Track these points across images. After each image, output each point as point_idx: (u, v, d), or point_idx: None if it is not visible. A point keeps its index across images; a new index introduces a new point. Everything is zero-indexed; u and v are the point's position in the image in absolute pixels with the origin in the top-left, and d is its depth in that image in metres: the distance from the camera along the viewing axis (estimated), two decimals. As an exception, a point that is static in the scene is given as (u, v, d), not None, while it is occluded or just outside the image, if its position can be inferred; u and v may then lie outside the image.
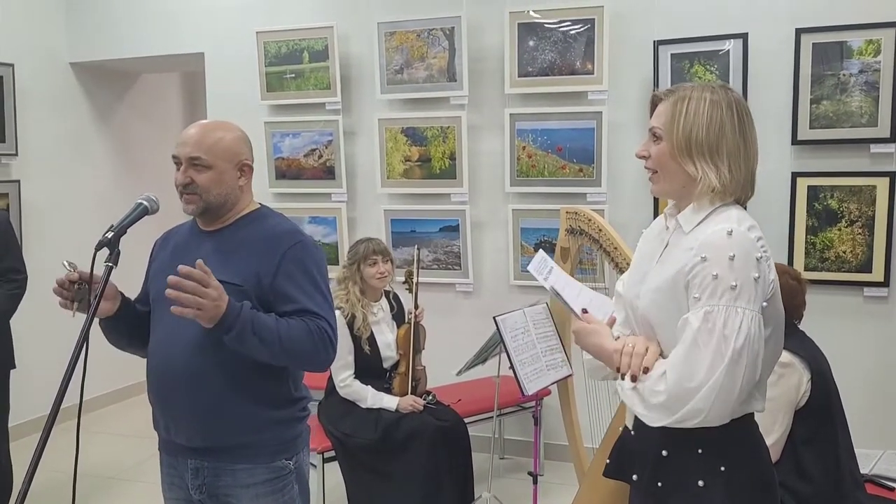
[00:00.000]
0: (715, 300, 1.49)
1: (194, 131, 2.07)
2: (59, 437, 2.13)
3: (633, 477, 1.73)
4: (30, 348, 3.69)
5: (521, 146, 4.28)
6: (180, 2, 4.99)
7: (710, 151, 1.60)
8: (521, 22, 4.20)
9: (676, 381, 1.49)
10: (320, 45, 4.58)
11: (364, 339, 3.43)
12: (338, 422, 3.41)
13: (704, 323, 1.49)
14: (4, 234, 3.45)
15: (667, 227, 1.73)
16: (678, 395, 1.49)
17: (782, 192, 3.90)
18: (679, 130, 1.61)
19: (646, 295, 1.65)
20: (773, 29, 3.86)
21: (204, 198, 2.04)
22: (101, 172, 5.60)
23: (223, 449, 2.04)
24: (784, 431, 2.61)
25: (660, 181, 1.69)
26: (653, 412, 1.53)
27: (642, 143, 1.72)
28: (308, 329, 1.99)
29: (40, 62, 5.09)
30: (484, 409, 3.90)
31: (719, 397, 1.47)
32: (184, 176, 2.03)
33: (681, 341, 1.52)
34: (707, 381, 1.47)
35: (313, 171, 4.72)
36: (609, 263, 2.97)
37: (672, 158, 1.63)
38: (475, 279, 4.51)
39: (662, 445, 1.64)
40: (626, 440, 1.77)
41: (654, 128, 1.67)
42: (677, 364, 1.51)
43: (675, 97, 1.64)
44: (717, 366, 1.47)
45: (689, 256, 1.55)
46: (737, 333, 1.48)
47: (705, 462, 1.60)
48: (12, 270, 3.44)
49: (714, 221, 1.59)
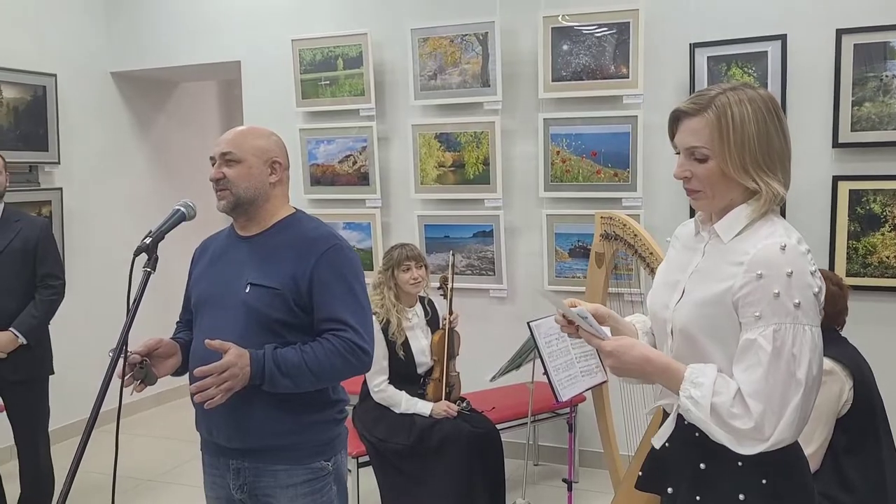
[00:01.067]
0: (781, 318, 1.45)
1: (229, 132, 2.17)
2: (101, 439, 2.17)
3: (667, 490, 1.69)
4: (68, 353, 3.76)
5: (556, 151, 4.26)
6: (217, 11, 5.07)
7: (764, 161, 1.54)
8: (554, 26, 4.19)
9: (759, 408, 1.44)
10: (354, 52, 4.61)
11: (398, 344, 3.44)
12: (372, 427, 3.42)
13: (774, 343, 1.45)
14: (45, 240, 3.53)
15: (699, 234, 1.68)
16: (764, 423, 1.44)
17: (823, 196, 3.83)
18: (732, 147, 1.53)
19: (686, 308, 1.60)
20: (813, 30, 3.80)
21: (233, 191, 2.09)
22: (140, 180, 5.70)
23: (263, 450, 2.08)
24: (825, 440, 2.57)
25: (707, 198, 1.60)
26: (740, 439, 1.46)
27: (679, 164, 1.61)
28: (335, 349, 2.02)
29: (82, 73, 5.20)
30: (518, 415, 3.88)
31: (799, 419, 1.45)
32: (216, 171, 2.11)
33: (750, 363, 1.47)
34: (788, 404, 1.44)
35: (348, 177, 4.75)
36: (644, 269, 2.95)
37: (724, 176, 1.55)
38: (509, 285, 4.49)
39: (700, 458, 1.60)
40: (659, 451, 1.71)
41: (695, 148, 1.56)
42: (755, 389, 1.45)
43: (715, 111, 1.54)
44: (795, 389, 1.44)
45: (739, 272, 1.50)
46: (808, 353, 1.45)
47: (746, 475, 1.55)
48: (50, 276, 3.52)
49: (759, 233, 1.54)
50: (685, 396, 1.51)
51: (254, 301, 2.04)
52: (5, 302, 3.40)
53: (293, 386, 2.00)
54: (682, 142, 1.60)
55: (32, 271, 3.47)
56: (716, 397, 1.48)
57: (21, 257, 3.43)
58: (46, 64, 4.90)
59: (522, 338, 3.42)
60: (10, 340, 3.37)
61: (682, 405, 1.52)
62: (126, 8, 5.31)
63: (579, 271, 4.25)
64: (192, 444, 2.34)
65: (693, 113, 1.57)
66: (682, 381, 1.52)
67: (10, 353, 3.37)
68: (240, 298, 2.05)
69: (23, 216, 3.61)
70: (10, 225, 3.46)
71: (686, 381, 1.52)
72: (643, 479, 1.79)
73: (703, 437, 1.55)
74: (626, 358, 1.57)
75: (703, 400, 1.48)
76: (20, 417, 3.50)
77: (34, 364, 3.49)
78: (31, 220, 3.61)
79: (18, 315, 3.41)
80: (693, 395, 1.50)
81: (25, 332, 3.40)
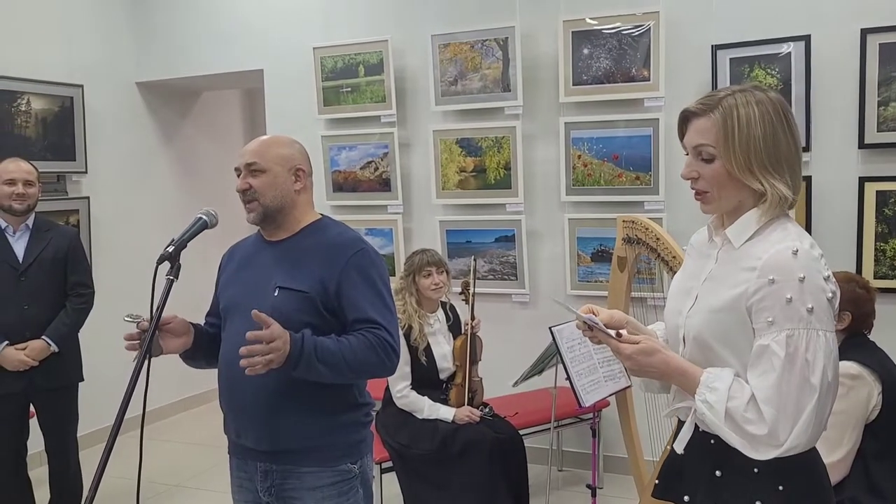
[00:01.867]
0: (794, 324, 1.45)
1: (253, 143, 2.20)
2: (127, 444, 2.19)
3: (684, 498, 1.68)
4: (93, 359, 3.80)
5: (577, 155, 4.25)
6: (240, 21, 5.12)
7: (770, 162, 1.53)
8: (575, 30, 4.18)
9: (773, 413, 1.44)
10: (375, 59, 4.63)
11: (421, 349, 3.45)
12: (395, 432, 3.43)
13: (787, 348, 1.44)
14: (75, 249, 3.60)
15: (711, 240, 1.67)
16: (779, 429, 1.43)
17: (849, 197, 3.78)
18: (737, 147, 1.52)
19: (700, 315, 1.59)
20: (837, 30, 3.75)
21: (261, 202, 2.12)
22: (165, 188, 5.77)
23: (290, 452, 2.10)
24: (853, 446, 2.53)
25: (714, 200, 1.60)
26: (754, 444, 1.45)
27: (686, 164, 1.61)
28: (370, 343, 2.04)
29: (108, 83, 5.27)
30: (541, 421, 3.86)
31: (814, 424, 1.44)
32: (243, 182, 2.13)
33: (763, 368, 1.47)
34: (803, 410, 1.43)
35: (369, 183, 4.76)
36: (667, 273, 2.92)
37: (730, 177, 1.55)
38: (531, 289, 4.48)
39: (716, 465, 1.60)
40: (675, 459, 1.70)
41: (701, 146, 1.57)
42: (769, 395, 1.45)
43: (722, 111, 1.54)
44: (809, 394, 1.43)
45: (752, 278, 1.49)
46: (822, 358, 1.44)
47: (763, 482, 1.54)
48: (81, 285, 3.59)
49: (770, 238, 1.53)
50: (700, 400, 1.51)
51: (282, 305, 2.06)
52: (38, 311, 3.46)
53: (328, 374, 1.99)
54: (690, 141, 1.60)
55: (63, 280, 3.55)
56: (731, 402, 1.48)
57: (52, 267, 3.50)
58: (73, 75, 4.98)
59: (544, 343, 3.41)
60: (42, 348, 3.44)
61: (698, 409, 1.52)
62: (150, 19, 5.38)
63: (602, 276, 4.23)
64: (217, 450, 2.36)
65: (701, 113, 1.58)
66: (699, 386, 1.52)
67: (42, 361, 3.44)
68: (269, 302, 2.07)
69: (53, 226, 3.68)
70: (42, 235, 3.53)
71: (702, 385, 1.52)
72: (660, 487, 1.78)
73: (718, 444, 1.54)
74: (645, 360, 1.56)
75: (717, 405, 1.48)
76: (51, 424, 3.56)
77: (65, 371, 3.55)
78: (61, 230, 3.69)
79: (50, 323, 3.48)
80: (708, 399, 1.50)
81: (57, 340, 3.47)
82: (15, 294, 3.43)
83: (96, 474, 1.65)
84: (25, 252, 3.47)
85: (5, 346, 3.39)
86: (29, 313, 3.44)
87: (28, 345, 3.41)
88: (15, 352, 3.39)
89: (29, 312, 3.44)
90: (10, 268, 3.43)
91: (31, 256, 3.47)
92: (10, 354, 3.38)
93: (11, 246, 3.47)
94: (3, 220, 3.48)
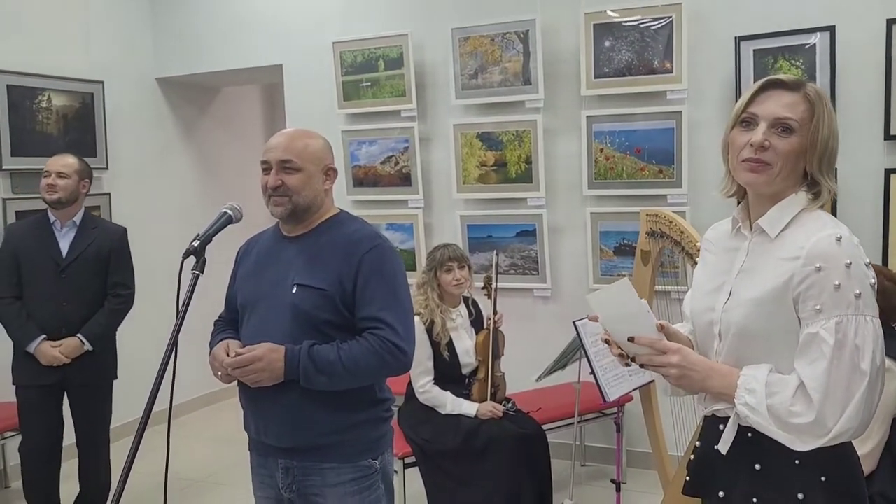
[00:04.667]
0: (842, 310, 1.44)
1: (283, 138, 2.15)
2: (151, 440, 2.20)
3: (719, 494, 1.65)
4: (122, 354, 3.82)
5: (599, 148, 4.22)
6: (259, 16, 5.12)
7: (831, 160, 1.56)
8: (596, 23, 4.14)
9: (821, 399, 1.43)
10: (395, 53, 4.62)
11: (443, 344, 3.44)
12: (418, 428, 3.42)
13: (836, 335, 1.43)
14: (119, 250, 3.62)
15: (739, 233, 1.66)
16: (826, 415, 1.42)
17: (875, 189, 3.73)
18: (822, 132, 1.53)
19: (741, 308, 1.57)
20: (862, 20, 3.70)
21: (293, 199, 2.10)
22: (185, 184, 5.79)
23: (311, 449, 2.10)
24: (881, 440, 2.51)
25: (771, 174, 1.54)
26: (799, 435, 1.45)
27: (760, 131, 1.54)
28: (371, 348, 2.04)
29: (129, 79, 5.30)
30: (564, 416, 3.85)
31: (864, 410, 1.43)
32: (275, 178, 2.10)
33: (813, 356, 1.45)
34: (853, 396, 1.42)
35: (390, 177, 4.76)
36: (692, 266, 2.89)
37: (800, 157, 1.54)
38: (553, 284, 4.46)
39: (755, 459, 1.58)
40: (707, 455, 1.68)
41: (787, 119, 1.53)
42: (819, 382, 1.43)
43: (815, 93, 1.54)
44: (859, 379, 1.42)
45: (797, 266, 1.48)
46: (871, 343, 1.43)
47: (804, 473, 1.52)
48: (121, 285, 3.60)
49: (807, 226, 1.52)
50: (741, 404, 1.51)
51: (301, 302, 2.06)
52: (76, 308, 3.49)
53: (329, 383, 2.02)
54: (772, 111, 1.55)
55: (104, 279, 3.56)
56: (771, 399, 1.47)
57: (94, 266, 3.52)
58: (94, 71, 5.00)
59: (567, 337, 3.40)
60: (76, 346, 3.46)
61: (740, 413, 1.51)
62: (170, 15, 5.40)
63: (625, 270, 4.20)
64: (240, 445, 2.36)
65: (792, 87, 1.56)
66: (737, 389, 1.52)
67: (76, 359, 3.46)
68: (287, 299, 2.07)
69: (101, 223, 3.70)
70: (88, 232, 3.55)
71: (740, 389, 1.52)
72: (691, 484, 1.75)
73: (756, 436, 1.53)
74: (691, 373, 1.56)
75: (759, 406, 1.48)
76: (82, 419, 3.59)
77: (99, 369, 3.58)
78: (108, 228, 3.69)
79: (87, 321, 3.50)
80: (748, 402, 1.50)
81: (92, 339, 3.50)
82: (55, 289, 3.46)
83: (124, 471, 1.65)
84: (70, 248, 3.49)
85: (42, 339, 3.42)
86: (67, 310, 3.47)
87: (63, 342, 3.44)
88: (50, 348, 3.42)
89: (67, 309, 3.47)
90: (53, 263, 3.46)
91: (74, 253, 3.49)
92: (45, 350, 3.41)
93: (58, 241, 3.50)
94: (52, 214, 3.52)
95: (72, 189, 3.50)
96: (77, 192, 3.53)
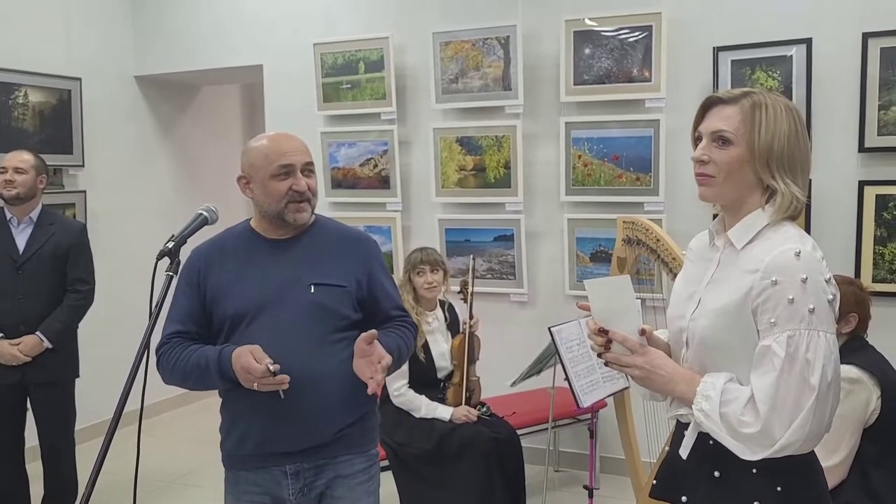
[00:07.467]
0: (794, 324, 1.46)
1: (295, 141, 2.17)
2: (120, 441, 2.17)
3: (682, 498, 1.68)
4: (90, 355, 3.78)
5: (577, 155, 4.24)
6: (240, 16, 5.10)
7: (788, 162, 1.56)
8: (576, 30, 4.17)
9: (768, 412, 1.45)
10: (376, 56, 4.62)
11: (418, 347, 3.43)
12: (392, 431, 3.41)
13: (788, 349, 1.45)
14: (77, 246, 3.58)
15: (713, 244, 1.68)
16: (773, 426, 1.45)
17: (849, 201, 3.78)
18: (762, 138, 1.54)
19: (704, 317, 1.60)
20: (839, 33, 3.75)
21: (312, 203, 2.16)
22: (163, 183, 5.74)
23: (325, 445, 2.12)
24: (851, 450, 2.53)
25: (718, 186, 1.59)
26: (747, 444, 1.47)
27: (700, 147, 1.62)
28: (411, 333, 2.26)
29: (106, 76, 5.25)
30: (538, 421, 3.85)
31: (813, 425, 1.45)
32: (305, 182, 2.12)
33: (765, 369, 1.48)
34: (801, 409, 1.44)
35: (369, 180, 4.75)
36: (667, 274, 2.91)
37: (743, 166, 1.56)
38: (530, 289, 4.47)
39: (714, 466, 1.60)
40: (673, 460, 1.71)
41: (721, 131, 1.58)
42: (767, 394, 1.46)
43: (751, 102, 1.56)
44: (808, 394, 1.44)
45: (756, 279, 1.50)
46: (822, 358, 1.45)
47: (761, 482, 1.55)
48: (80, 281, 3.56)
49: (772, 240, 1.54)
50: (697, 409, 1.55)
51: (323, 300, 2.08)
52: (34, 304, 3.45)
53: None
54: (710, 126, 1.61)
55: (63, 275, 3.52)
56: (724, 407, 1.51)
57: (51, 263, 3.48)
58: (71, 68, 4.95)
59: (543, 343, 3.40)
60: (35, 344, 3.41)
61: (696, 417, 1.55)
62: (150, 12, 5.36)
63: (600, 276, 4.21)
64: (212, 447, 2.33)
65: (728, 101, 1.60)
66: (696, 395, 1.55)
67: (37, 356, 3.41)
68: (306, 299, 2.07)
69: (58, 219, 3.65)
70: (45, 228, 3.51)
71: (698, 395, 1.55)
72: (658, 487, 1.80)
73: (717, 445, 1.55)
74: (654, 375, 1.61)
75: (712, 413, 1.51)
76: (44, 418, 3.54)
77: (60, 367, 3.53)
78: (66, 224, 3.65)
79: (46, 318, 3.45)
80: (703, 408, 1.53)
81: (51, 336, 3.44)
82: (12, 286, 3.42)
83: (93, 471, 1.64)
84: (27, 244, 3.46)
85: (0, 337, 3.37)
86: (24, 306, 3.42)
87: (22, 340, 3.39)
88: (8, 346, 3.37)
89: (24, 305, 3.42)
90: (10, 259, 3.42)
91: (31, 249, 3.45)
92: (3, 348, 3.37)
93: (14, 237, 3.46)
94: (9, 211, 3.48)
95: (30, 185, 3.48)
96: (35, 187, 3.51)
